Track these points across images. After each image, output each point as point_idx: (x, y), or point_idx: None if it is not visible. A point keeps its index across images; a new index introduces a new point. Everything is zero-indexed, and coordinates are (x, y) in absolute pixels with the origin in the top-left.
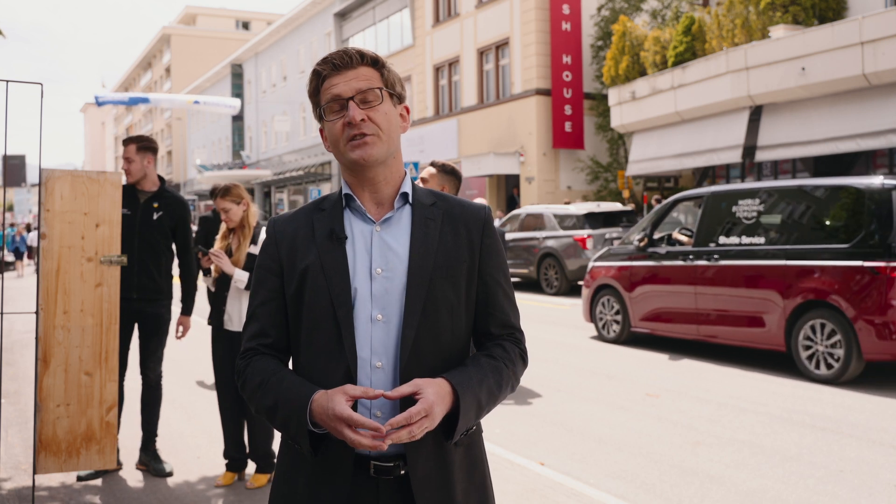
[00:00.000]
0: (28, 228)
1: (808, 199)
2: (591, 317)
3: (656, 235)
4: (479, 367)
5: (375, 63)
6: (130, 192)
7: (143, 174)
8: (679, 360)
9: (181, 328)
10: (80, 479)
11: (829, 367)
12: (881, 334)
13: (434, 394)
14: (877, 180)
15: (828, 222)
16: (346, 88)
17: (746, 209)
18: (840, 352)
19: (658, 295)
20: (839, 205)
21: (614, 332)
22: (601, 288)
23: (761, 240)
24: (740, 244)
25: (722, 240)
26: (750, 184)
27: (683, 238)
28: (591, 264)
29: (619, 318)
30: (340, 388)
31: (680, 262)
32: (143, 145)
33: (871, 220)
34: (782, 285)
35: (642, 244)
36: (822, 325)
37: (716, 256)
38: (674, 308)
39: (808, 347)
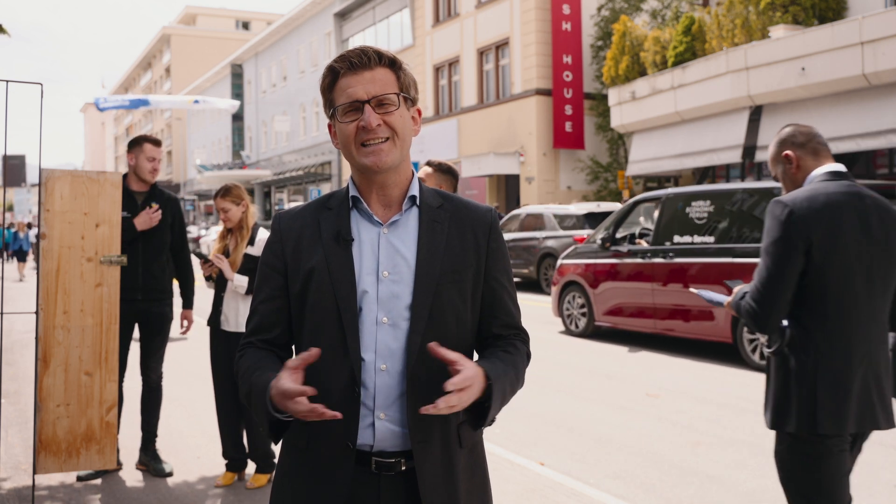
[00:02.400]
0: (29, 226)
1: (752, 200)
2: (559, 311)
3: (619, 235)
4: (502, 360)
5: (393, 64)
6: (127, 195)
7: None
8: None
9: (185, 322)
10: (80, 479)
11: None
12: None
13: (473, 370)
14: None
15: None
16: (362, 91)
17: (698, 210)
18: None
19: (619, 291)
20: None
21: (580, 326)
22: (568, 284)
23: (711, 239)
24: (692, 243)
25: (677, 239)
26: (702, 186)
27: (643, 243)
28: (559, 262)
29: (584, 312)
30: (284, 364)
31: (639, 260)
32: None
33: None
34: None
35: (605, 244)
36: None
37: (671, 255)
38: (634, 303)
39: (752, 340)
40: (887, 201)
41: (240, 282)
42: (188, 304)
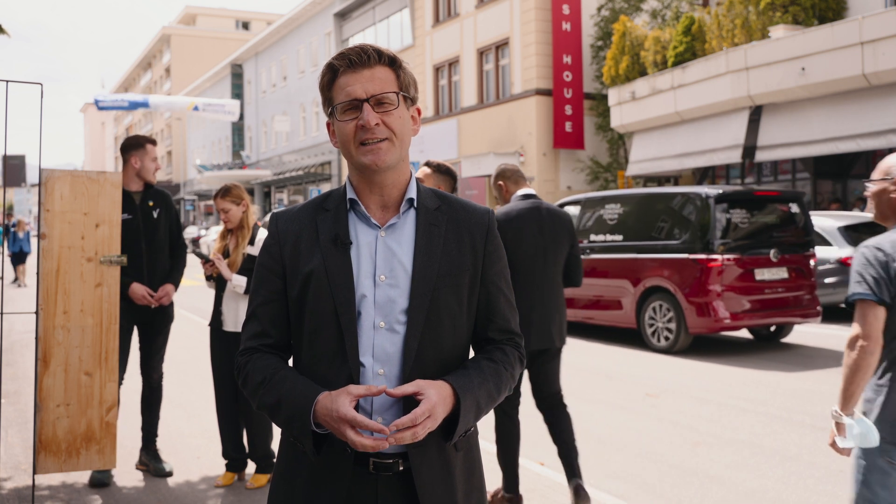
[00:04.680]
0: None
1: (655, 204)
2: None
3: None
4: (480, 371)
5: (393, 63)
6: (125, 196)
7: None
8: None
9: (162, 292)
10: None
11: (665, 339)
12: (701, 313)
13: (436, 395)
14: (702, 190)
15: (666, 223)
16: (361, 90)
17: (611, 212)
18: (673, 327)
19: None
20: (675, 209)
21: None
22: None
23: (620, 237)
24: (605, 241)
25: (593, 237)
26: (615, 191)
27: None
28: None
29: None
30: (344, 389)
31: None
32: None
33: (696, 222)
34: (633, 275)
35: None
36: (661, 306)
37: (588, 251)
38: None
39: (651, 324)
40: (559, 209)
41: (238, 282)
42: (173, 281)
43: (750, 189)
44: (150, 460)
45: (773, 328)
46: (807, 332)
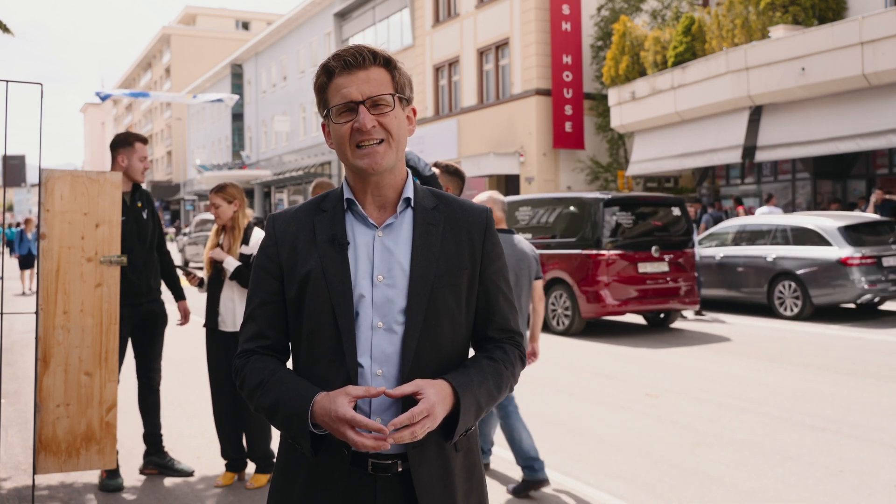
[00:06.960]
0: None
1: (556, 207)
2: None
3: None
4: (480, 369)
5: (388, 64)
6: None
7: None
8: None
9: (183, 311)
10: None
11: (563, 324)
12: (590, 300)
13: (435, 394)
14: (595, 195)
15: (566, 223)
16: (356, 91)
17: (523, 213)
18: (570, 313)
19: None
20: (572, 212)
21: None
22: None
23: (529, 236)
24: None
25: None
26: (526, 195)
27: None
28: None
29: None
30: (343, 390)
31: None
32: None
33: (589, 223)
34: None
35: None
36: (561, 295)
37: None
38: None
39: (552, 311)
40: None
41: (230, 264)
42: (181, 295)
43: (637, 195)
44: (167, 462)
45: (661, 315)
46: (807, 333)
